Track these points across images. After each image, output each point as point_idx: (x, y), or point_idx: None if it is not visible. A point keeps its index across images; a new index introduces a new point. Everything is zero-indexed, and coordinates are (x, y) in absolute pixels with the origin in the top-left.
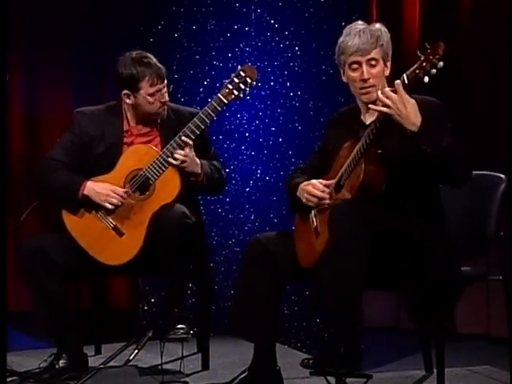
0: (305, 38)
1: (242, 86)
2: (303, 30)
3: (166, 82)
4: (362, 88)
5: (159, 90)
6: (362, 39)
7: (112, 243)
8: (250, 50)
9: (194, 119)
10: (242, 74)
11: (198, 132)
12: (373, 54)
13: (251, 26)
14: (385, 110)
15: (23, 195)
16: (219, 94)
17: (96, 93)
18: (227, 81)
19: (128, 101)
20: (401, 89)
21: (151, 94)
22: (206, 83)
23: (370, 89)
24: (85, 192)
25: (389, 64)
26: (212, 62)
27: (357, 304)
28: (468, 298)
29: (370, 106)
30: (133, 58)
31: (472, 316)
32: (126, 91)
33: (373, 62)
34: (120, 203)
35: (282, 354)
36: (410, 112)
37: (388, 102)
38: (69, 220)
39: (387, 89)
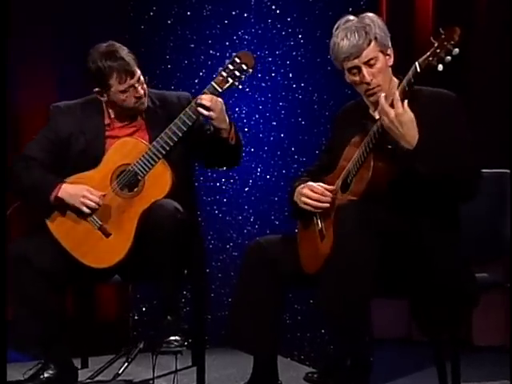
0: (309, 25)
1: (237, 74)
2: (307, 16)
3: (138, 74)
4: (367, 90)
5: (131, 86)
6: (352, 41)
7: (98, 245)
8: (249, 37)
9: (186, 109)
10: (237, 60)
11: (190, 123)
12: (368, 54)
13: (250, 12)
14: (383, 122)
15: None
16: (213, 82)
17: (82, 86)
18: (221, 68)
19: (102, 98)
20: (399, 104)
21: (123, 91)
22: (201, 74)
23: (375, 89)
24: (59, 195)
25: (390, 51)
26: (208, 51)
27: (365, 313)
28: (485, 306)
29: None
30: (100, 52)
31: (489, 326)
32: (97, 89)
33: (371, 62)
34: (97, 206)
35: (284, 367)
36: (405, 131)
37: (384, 118)
38: (51, 220)
39: (383, 96)
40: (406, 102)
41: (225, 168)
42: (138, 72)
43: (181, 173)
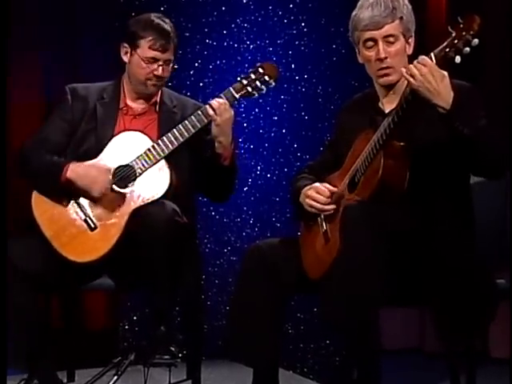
0: (312, 13)
1: (259, 84)
2: (310, 2)
3: (170, 56)
4: (379, 69)
5: (157, 60)
6: (375, 11)
7: (80, 237)
8: (248, 26)
9: (198, 111)
10: (261, 70)
11: (199, 125)
12: (389, 29)
13: None
14: (413, 81)
15: None
16: (231, 88)
17: (68, 79)
18: (242, 75)
19: (124, 57)
20: (430, 61)
21: (147, 60)
22: (196, 65)
23: (387, 70)
24: (67, 175)
25: (411, 40)
26: (204, 40)
27: (373, 322)
28: (503, 315)
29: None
30: (151, 14)
31: (507, 337)
32: (125, 44)
33: (390, 39)
34: (109, 190)
35: (286, 380)
36: (441, 87)
37: (417, 73)
38: (38, 206)
39: (411, 66)
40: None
41: (208, 197)
42: (171, 55)
43: (183, 175)
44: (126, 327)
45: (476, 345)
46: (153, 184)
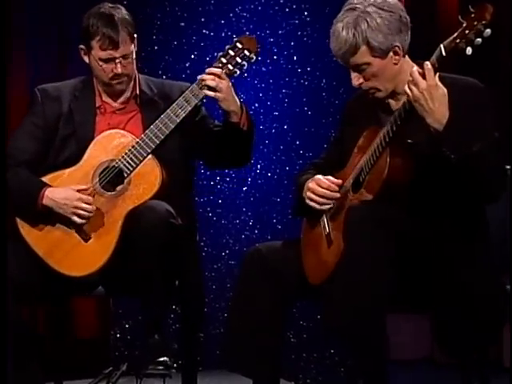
0: (316, 1)
1: (239, 60)
2: None
3: (126, 50)
4: (364, 90)
5: (112, 58)
6: (336, 45)
7: (75, 250)
8: (247, 15)
9: (180, 98)
10: (239, 45)
11: (183, 114)
12: (355, 60)
13: None
14: (410, 95)
15: None
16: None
17: (56, 73)
18: (221, 53)
19: (85, 58)
20: (431, 75)
21: (102, 59)
22: (193, 56)
23: (370, 90)
24: (44, 202)
25: (399, 49)
26: (201, 31)
27: (380, 328)
28: None
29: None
30: (97, 9)
31: None
32: (81, 45)
33: (361, 67)
34: (91, 215)
35: None
36: (436, 107)
37: (414, 88)
38: (24, 223)
39: (416, 69)
40: (437, 74)
41: (232, 166)
42: (128, 48)
43: (176, 171)
44: (118, 335)
45: (489, 354)
46: (143, 183)
